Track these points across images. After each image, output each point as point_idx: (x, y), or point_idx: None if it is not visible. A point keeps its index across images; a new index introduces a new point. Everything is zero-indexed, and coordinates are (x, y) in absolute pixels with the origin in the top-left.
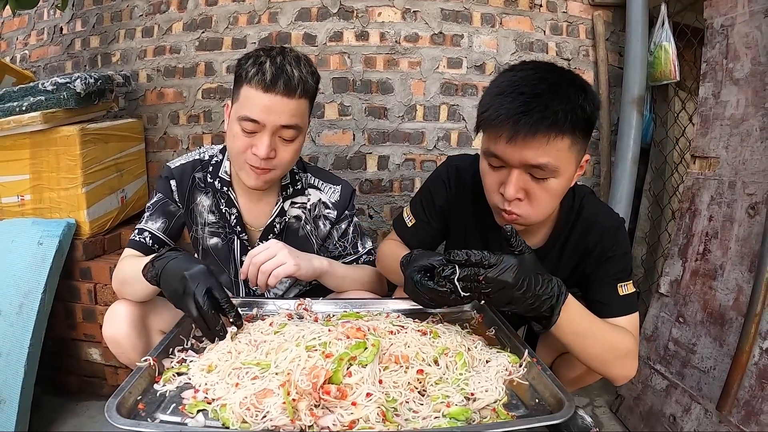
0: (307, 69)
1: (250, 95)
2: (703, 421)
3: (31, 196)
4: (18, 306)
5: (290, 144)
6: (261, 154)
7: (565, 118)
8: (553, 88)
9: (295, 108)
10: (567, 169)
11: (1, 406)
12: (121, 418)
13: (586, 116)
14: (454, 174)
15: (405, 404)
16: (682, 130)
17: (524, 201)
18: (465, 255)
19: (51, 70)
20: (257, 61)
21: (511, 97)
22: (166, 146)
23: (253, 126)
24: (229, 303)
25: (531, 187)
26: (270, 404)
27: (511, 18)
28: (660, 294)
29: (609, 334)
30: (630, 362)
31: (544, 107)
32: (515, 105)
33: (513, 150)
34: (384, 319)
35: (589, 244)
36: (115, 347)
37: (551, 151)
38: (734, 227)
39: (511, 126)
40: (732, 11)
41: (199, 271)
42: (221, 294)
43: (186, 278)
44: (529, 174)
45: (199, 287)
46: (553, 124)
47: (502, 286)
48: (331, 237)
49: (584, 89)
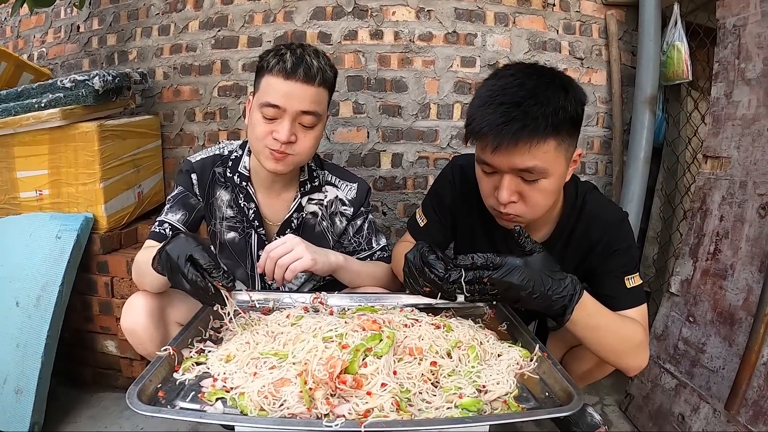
0: (326, 61)
1: (271, 83)
2: (712, 421)
3: (49, 191)
4: (36, 298)
5: (310, 131)
6: (282, 138)
7: (546, 122)
8: (531, 94)
9: (315, 95)
10: (556, 168)
11: (18, 397)
12: (142, 404)
13: (569, 115)
14: (459, 173)
15: (418, 395)
16: (694, 130)
17: (519, 202)
18: (470, 259)
19: (68, 67)
20: (278, 53)
21: (492, 108)
22: (182, 143)
23: (274, 112)
24: (213, 265)
25: (523, 189)
26: (287, 393)
27: (525, 17)
28: (670, 293)
29: (622, 327)
30: (643, 352)
31: (523, 115)
32: (496, 116)
33: (500, 158)
34: (398, 313)
35: (592, 238)
36: (132, 338)
37: (537, 154)
38: (745, 227)
39: (494, 137)
40: (744, 11)
41: (177, 242)
42: (203, 258)
43: (168, 253)
44: (520, 177)
45: (180, 258)
46: (534, 130)
47: (507, 287)
48: (347, 233)
49: (565, 88)
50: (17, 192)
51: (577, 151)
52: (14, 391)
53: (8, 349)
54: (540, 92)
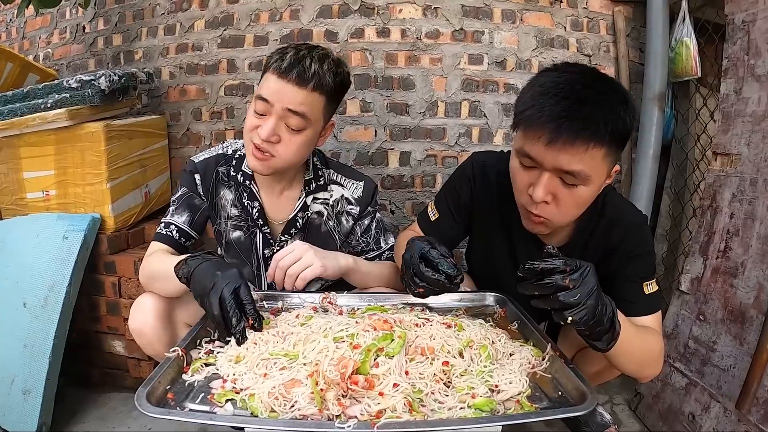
0: (329, 67)
1: (267, 78)
2: (722, 420)
3: (56, 192)
4: (43, 299)
5: (296, 134)
6: (263, 135)
7: (606, 128)
8: (598, 96)
9: (305, 98)
10: (598, 178)
11: (26, 397)
12: (151, 406)
13: (626, 128)
14: (479, 170)
15: (431, 395)
16: (703, 127)
17: (551, 205)
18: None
19: (74, 68)
20: (282, 52)
21: (554, 99)
22: (189, 143)
23: (263, 107)
24: (252, 306)
25: (560, 191)
26: (298, 394)
27: (532, 14)
28: (680, 291)
29: (645, 340)
30: (660, 362)
31: (588, 115)
32: (558, 108)
33: (549, 154)
34: (409, 312)
35: (612, 241)
36: (141, 339)
37: (586, 159)
38: (755, 225)
39: (553, 129)
40: (753, 7)
41: (232, 273)
42: (247, 296)
43: (217, 276)
44: (560, 179)
45: (229, 285)
46: (595, 133)
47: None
48: (354, 233)
49: (626, 101)
50: (24, 193)
51: (615, 167)
52: (22, 392)
53: (16, 350)
54: (605, 98)
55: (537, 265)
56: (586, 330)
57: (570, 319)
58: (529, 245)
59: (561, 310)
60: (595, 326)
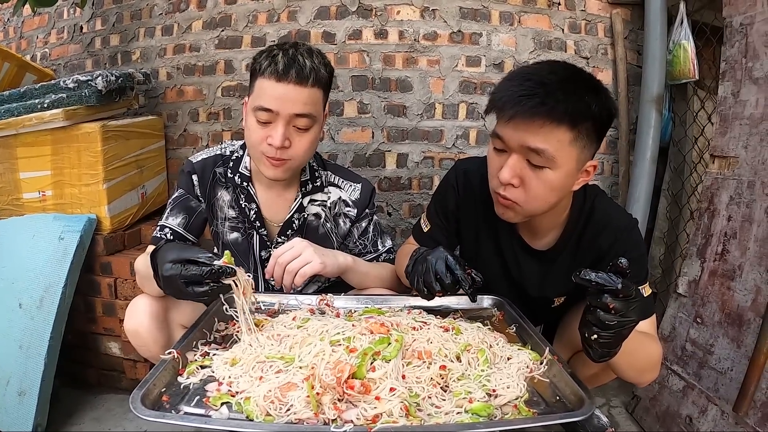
0: (320, 60)
1: (263, 86)
2: (720, 423)
3: (52, 192)
4: (39, 300)
5: (305, 133)
6: (276, 143)
7: (566, 108)
8: (560, 81)
9: (308, 96)
10: (565, 162)
11: (22, 398)
12: (146, 409)
13: (592, 113)
14: (462, 177)
15: (428, 399)
16: (701, 130)
17: (519, 188)
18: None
19: (71, 68)
20: (270, 54)
21: (517, 82)
22: (186, 143)
23: (267, 116)
24: (206, 264)
25: (527, 174)
26: (294, 398)
27: (530, 16)
28: (678, 294)
29: (646, 346)
30: (659, 367)
31: (545, 94)
32: (519, 89)
33: (512, 131)
34: (406, 315)
35: (602, 245)
36: (136, 340)
37: (550, 139)
38: (753, 228)
39: (512, 106)
40: (751, 10)
41: (168, 261)
42: (194, 256)
43: (168, 279)
44: (527, 160)
45: (176, 278)
46: (552, 110)
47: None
48: (351, 235)
49: (596, 89)
50: (20, 193)
51: (592, 162)
52: (17, 393)
53: (11, 351)
54: (569, 83)
55: (591, 277)
56: (598, 350)
57: (594, 337)
58: (516, 248)
59: (592, 324)
60: (606, 353)
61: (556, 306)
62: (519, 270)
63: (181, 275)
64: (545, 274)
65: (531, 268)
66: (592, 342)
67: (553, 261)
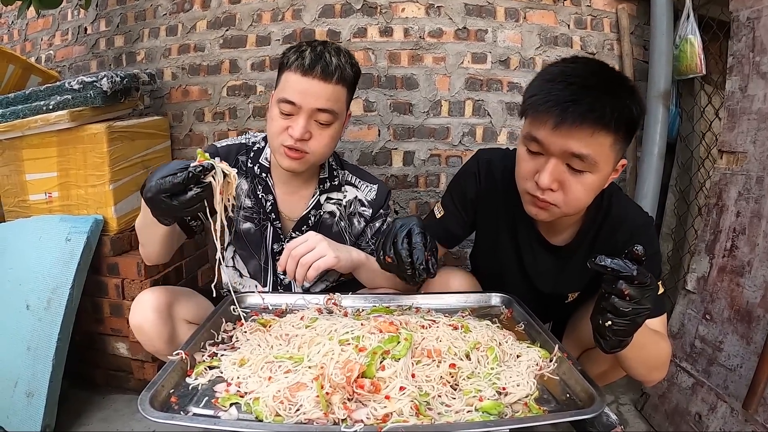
0: (347, 59)
1: (289, 79)
2: (729, 420)
3: (58, 193)
4: (46, 301)
5: (325, 129)
6: (296, 135)
7: (612, 114)
8: (603, 84)
9: (332, 93)
10: (605, 166)
11: (30, 399)
12: (154, 411)
13: (632, 117)
14: (485, 166)
15: (438, 398)
16: (708, 125)
17: (558, 191)
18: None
19: (76, 69)
20: (299, 50)
21: (561, 85)
22: (191, 143)
23: (290, 108)
24: (182, 170)
25: (566, 178)
26: (303, 398)
27: (535, 12)
28: (686, 291)
29: (656, 343)
30: (668, 365)
31: (593, 99)
32: (565, 93)
33: (557, 137)
34: (415, 314)
35: (618, 242)
36: (140, 335)
37: (594, 144)
38: (762, 223)
39: (559, 113)
40: (758, 4)
41: (148, 185)
42: (169, 171)
43: (152, 200)
44: (566, 165)
45: (159, 195)
46: (600, 117)
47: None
48: (365, 234)
49: (633, 91)
50: (27, 195)
51: (622, 160)
52: (25, 394)
53: (19, 352)
54: (611, 86)
55: (607, 263)
56: (610, 338)
57: (608, 324)
58: (533, 243)
59: (606, 311)
60: (618, 343)
61: (570, 301)
62: (535, 264)
63: (161, 190)
64: (561, 269)
65: (547, 262)
66: (605, 330)
67: (569, 257)
